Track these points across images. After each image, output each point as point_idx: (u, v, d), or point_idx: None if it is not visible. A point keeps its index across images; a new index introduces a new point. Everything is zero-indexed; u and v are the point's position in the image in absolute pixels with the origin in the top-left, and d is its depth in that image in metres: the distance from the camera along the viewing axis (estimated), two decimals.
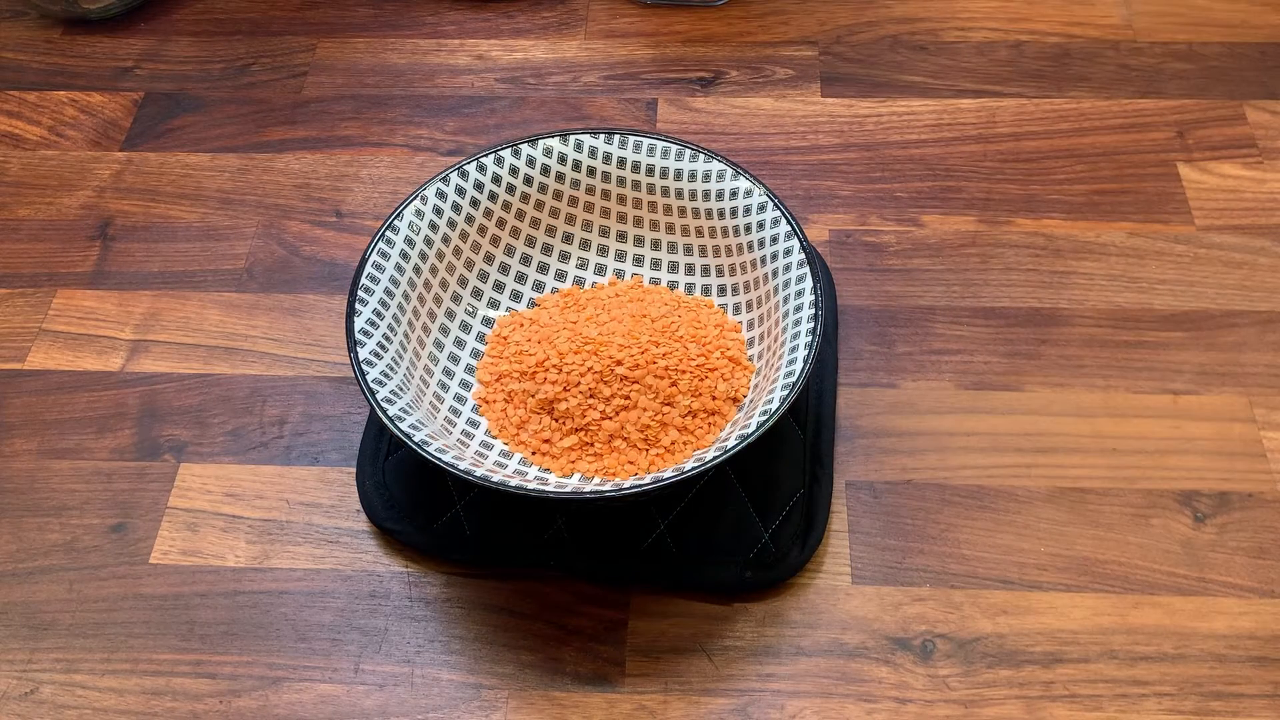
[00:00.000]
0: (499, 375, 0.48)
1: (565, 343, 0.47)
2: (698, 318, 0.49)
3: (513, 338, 0.50)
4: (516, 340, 0.49)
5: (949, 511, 0.48)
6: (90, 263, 0.58)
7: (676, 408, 0.46)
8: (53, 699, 0.44)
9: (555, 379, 0.46)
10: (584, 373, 0.46)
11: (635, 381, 0.46)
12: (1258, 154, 0.60)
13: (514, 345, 0.49)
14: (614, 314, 0.49)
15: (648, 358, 0.46)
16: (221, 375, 0.54)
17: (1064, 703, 0.43)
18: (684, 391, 0.46)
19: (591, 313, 0.49)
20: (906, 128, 0.62)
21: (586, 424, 0.46)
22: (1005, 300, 0.55)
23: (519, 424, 0.47)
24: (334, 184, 0.61)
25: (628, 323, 0.48)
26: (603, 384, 0.46)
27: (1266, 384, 0.51)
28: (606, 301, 0.50)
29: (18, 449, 0.52)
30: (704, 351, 0.47)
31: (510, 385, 0.48)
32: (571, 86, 0.66)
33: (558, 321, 0.49)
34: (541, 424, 0.46)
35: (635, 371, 0.45)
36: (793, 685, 0.44)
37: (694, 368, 0.46)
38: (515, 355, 0.48)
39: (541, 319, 0.50)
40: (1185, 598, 0.45)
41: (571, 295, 0.51)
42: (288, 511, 0.49)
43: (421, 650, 0.45)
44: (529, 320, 0.50)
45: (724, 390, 0.47)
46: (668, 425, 0.46)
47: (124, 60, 0.69)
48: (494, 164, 0.50)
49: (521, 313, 0.51)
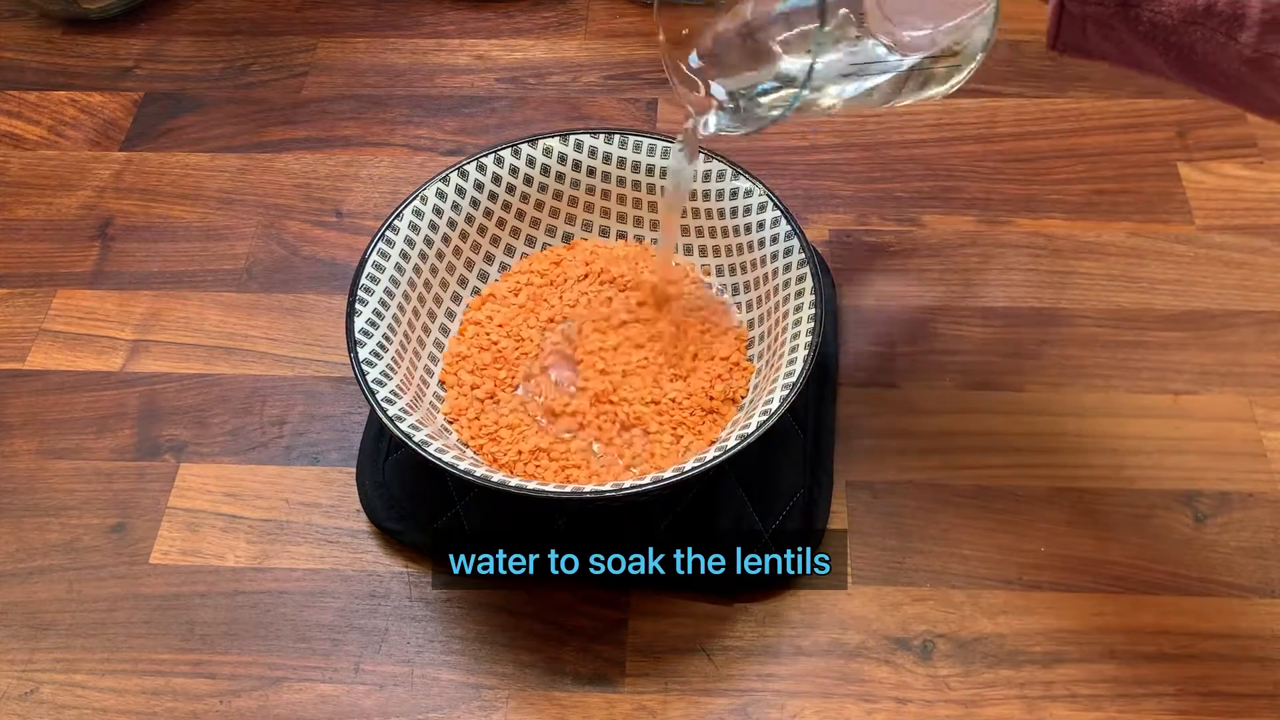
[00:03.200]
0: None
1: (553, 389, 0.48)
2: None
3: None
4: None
5: (949, 511, 0.48)
6: (90, 263, 0.58)
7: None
8: (53, 699, 0.44)
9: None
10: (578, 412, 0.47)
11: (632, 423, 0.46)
12: (1258, 154, 0.60)
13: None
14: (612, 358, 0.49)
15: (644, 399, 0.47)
16: (221, 375, 0.54)
17: (1064, 703, 0.43)
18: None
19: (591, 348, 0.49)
20: (906, 128, 0.62)
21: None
22: (1005, 300, 0.55)
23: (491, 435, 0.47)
24: (334, 184, 0.61)
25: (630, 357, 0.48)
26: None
27: (1266, 384, 0.51)
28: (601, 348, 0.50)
29: (18, 449, 0.51)
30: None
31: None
32: (571, 86, 0.66)
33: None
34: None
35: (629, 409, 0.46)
36: (793, 685, 0.44)
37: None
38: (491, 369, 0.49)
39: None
40: (1185, 598, 0.45)
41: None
42: (288, 511, 0.49)
43: (421, 650, 0.45)
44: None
45: (722, 390, 0.47)
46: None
47: (124, 60, 0.69)
48: (494, 164, 0.50)
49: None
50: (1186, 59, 0.33)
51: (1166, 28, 0.33)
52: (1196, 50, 0.32)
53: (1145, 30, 0.33)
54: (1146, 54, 0.34)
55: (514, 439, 0.46)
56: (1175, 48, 0.33)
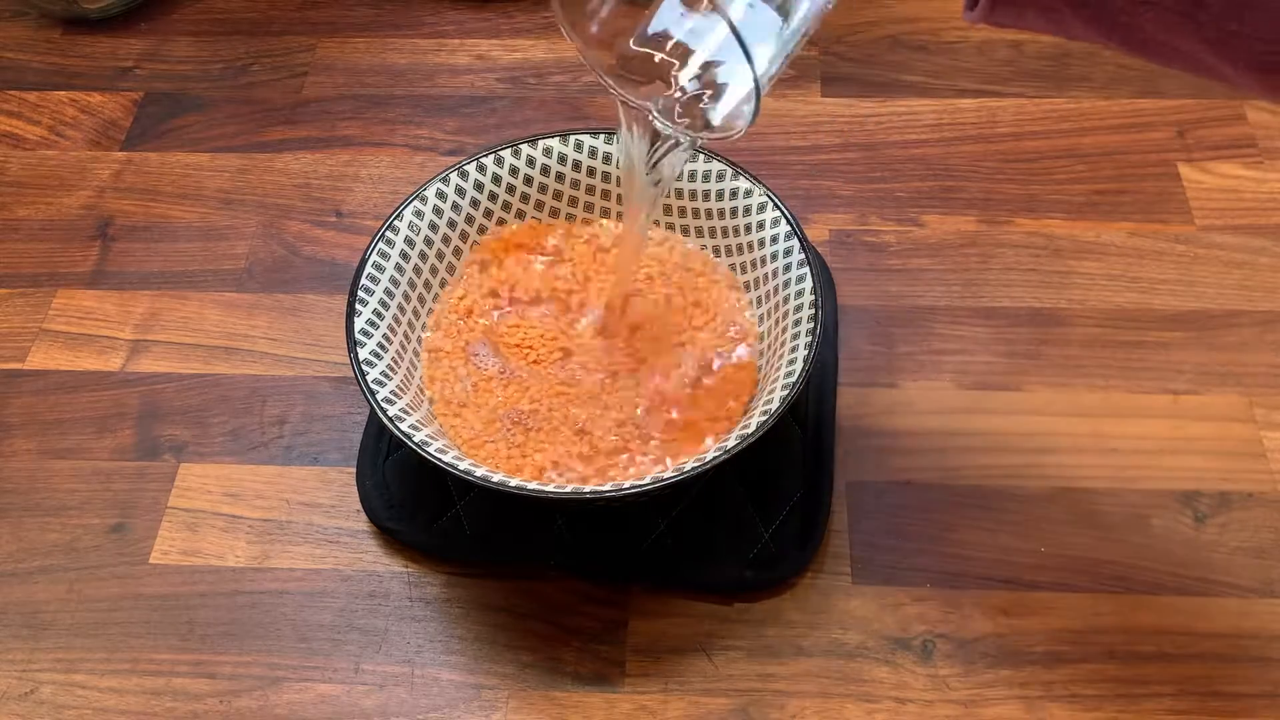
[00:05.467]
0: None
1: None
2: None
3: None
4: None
5: (949, 511, 0.48)
6: (90, 263, 0.58)
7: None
8: (53, 699, 0.44)
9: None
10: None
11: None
12: (1258, 154, 0.60)
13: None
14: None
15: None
16: (221, 375, 0.54)
17: (1064, 703, 0.43)
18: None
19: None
20: (906, 127, 0.62)
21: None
22: (1005, 300, 0.55)
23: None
24: (334, 184, 0.61)
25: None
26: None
27: (1266, 384, 0.51)
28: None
29: (18, 449, 0.52)
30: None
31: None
32: (572, 86, 0.66)
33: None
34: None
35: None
36: (793, 685, 0.44)
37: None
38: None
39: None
40: (1185, 598, 0.45)
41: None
42: (288, 511, 0.49)
43: (421, 650, 0.45)
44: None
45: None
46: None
47: (124, 60, 0.69)
48: (494, 164, 0.50)
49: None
50: (1135, 38, 0.31)
51: (1114, 9, 0.31)
52: (1147, 30, 0.31)
53: (1091, 14, 0.31)
54: (1086, 33, 0.32)
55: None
56: (1123, 28, 0.31)
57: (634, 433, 0.46)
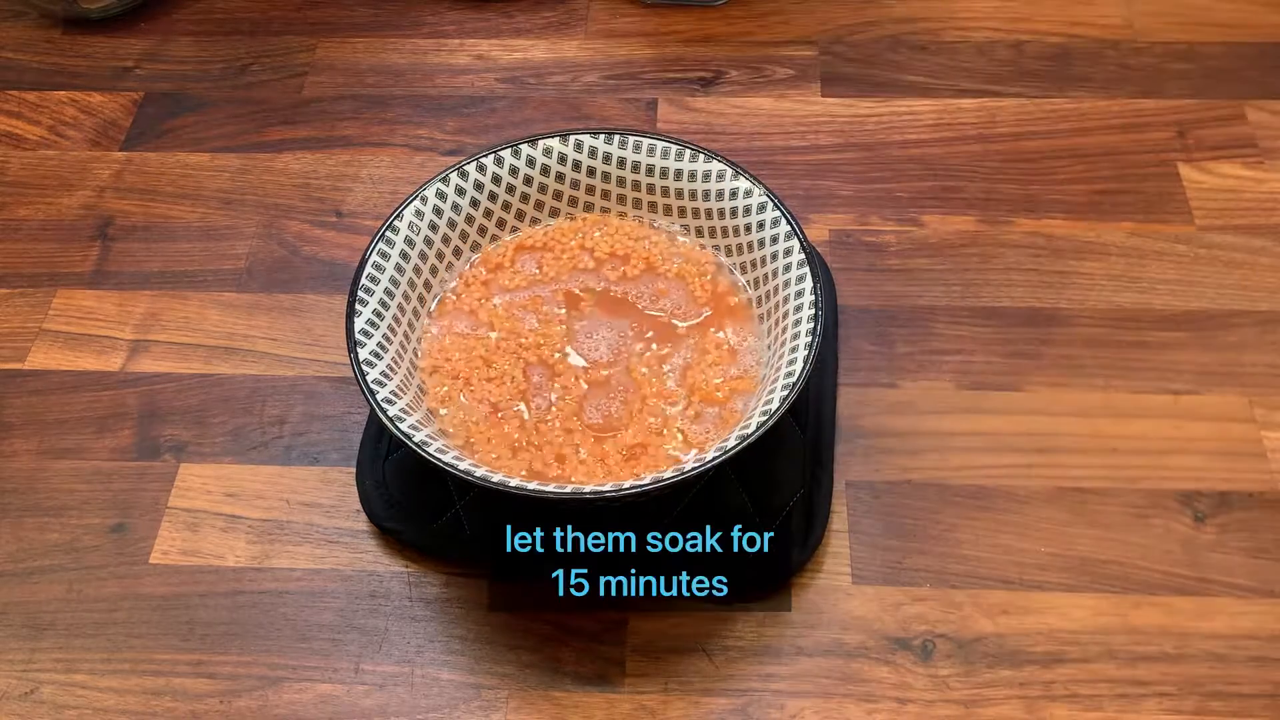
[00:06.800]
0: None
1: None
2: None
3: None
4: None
5: (949, 511, 0.48)
6: (90, 263, 0.58)
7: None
8: (53, 699, 0.44)
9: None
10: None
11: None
12: (1258, 154, 0.60)
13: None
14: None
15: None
16: (221, 375, 0.54)
17: (1064, 703, 0.43)
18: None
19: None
20: (906, 128, 0.62)
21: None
22: (1005, 300, 0.55)
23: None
24: (334, 184, 0.61)
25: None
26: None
27: (1266, 384, 0.51)
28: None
29: (18, 449, 0.52)
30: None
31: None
32: (571, 86, 0.66)
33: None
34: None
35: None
36: (793, 685, 0.44)
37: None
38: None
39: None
40: (1185, 598, 0.45)
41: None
42: (288, 511, 0.49)
43: (421, 650, 0.45)
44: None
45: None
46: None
47: (124, 60, 0.69)
48: (494, 164, 0.50)
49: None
50: None
51: None
52: None
53: None
54: None
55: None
56: None
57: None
